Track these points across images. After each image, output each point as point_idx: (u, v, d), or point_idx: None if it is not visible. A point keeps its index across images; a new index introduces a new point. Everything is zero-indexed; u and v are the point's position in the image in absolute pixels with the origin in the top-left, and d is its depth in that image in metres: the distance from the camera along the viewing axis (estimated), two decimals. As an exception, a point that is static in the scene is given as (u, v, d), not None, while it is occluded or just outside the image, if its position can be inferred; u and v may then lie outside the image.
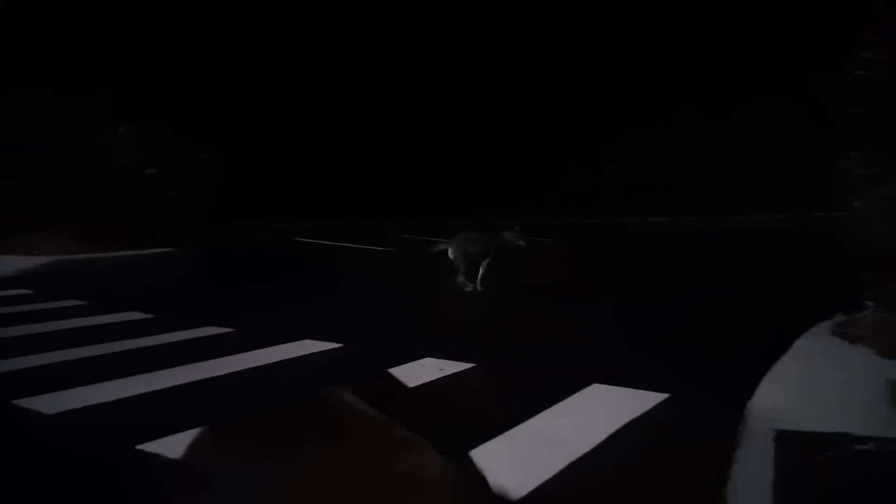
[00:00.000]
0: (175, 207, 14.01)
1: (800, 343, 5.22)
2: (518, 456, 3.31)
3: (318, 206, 19.72)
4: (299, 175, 20.57)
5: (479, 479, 0.50)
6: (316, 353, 5.47)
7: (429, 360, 5.19)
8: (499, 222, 9.52)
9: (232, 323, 6.52)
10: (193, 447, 0.46)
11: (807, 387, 4.25)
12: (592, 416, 3.93)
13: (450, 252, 8.21)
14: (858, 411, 3.72)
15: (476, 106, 21.83)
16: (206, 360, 5.16)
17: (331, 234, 16.33)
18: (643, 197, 20.66)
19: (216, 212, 15.34)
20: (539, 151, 21.73)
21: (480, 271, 8.30)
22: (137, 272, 11.28)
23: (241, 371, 4.93)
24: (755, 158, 20.32)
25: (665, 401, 4.17)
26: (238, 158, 17.67)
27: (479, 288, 8.32)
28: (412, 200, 20.55)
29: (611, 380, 4.59)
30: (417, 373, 4.81)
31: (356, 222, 18.88)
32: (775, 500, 2.79)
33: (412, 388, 0.56)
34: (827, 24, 16.99)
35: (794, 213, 18.49)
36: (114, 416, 4.00)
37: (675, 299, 8.22)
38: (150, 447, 3.39)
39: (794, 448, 3.28)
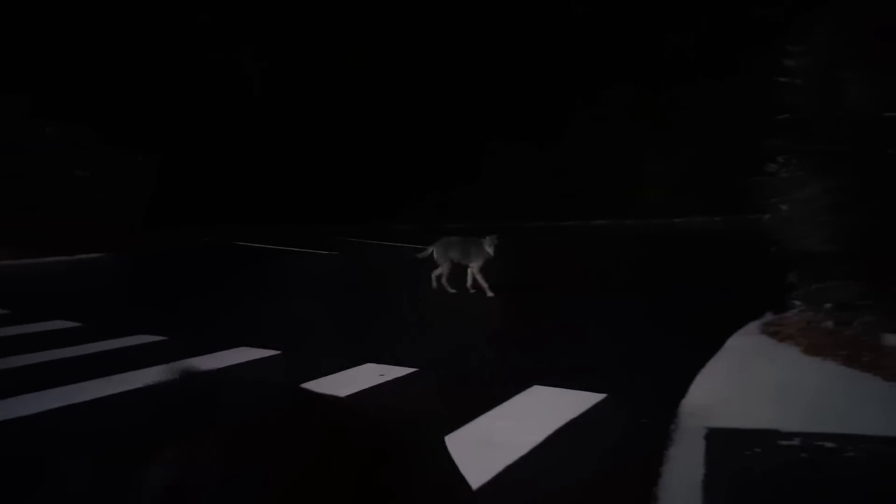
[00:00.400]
0: (107, 211, 13.44)
1: (731, 342, 5.39)
2: (455, 460, 3.26)
3: (262, 210, 19.31)
4: (243, 179, 20.10)
5: (451, 468, 0.48)
6: (252, 360, 5.32)
7: (370, 366, 5.11)
8: (469, 226, 9.82)
9: (164, 331, 6.27)
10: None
11: (737, 385, 4.39)
12: (531, 418, 3.94)
13: (434, 253, 8.99)
14: (785, 407, 3.86)
15: (411, 109, 21.77)
16: (133, 370, 4.93)
17: (274, 238, 16.00)
18: (584, 199, 21.00)
19: (152, 216, 14.81)
20: (474, 153, 21.74)
21: (469, 275, 8.81)
22: (65, 279, 10.75)
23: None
24: (692, 161, 20.89)
25: (602, 401, 4.22)
26: (179, 161, 17.12)
27: (472, 290, 8.75)
28: (356, 204, 20.36)
29: (551, 381, 4.62)
30: (357, 379, 4.73)
31: (301, 226, 18.57)
32: (705, 496, 2.84)
33: (348, 395, 0.52)
34: (758, 26, 17.77)
35: (730, 216, 19.12)
36: (31, 432, 3.77)
37: (618, 300, 8.36)
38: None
39: (723, 445, 3.37)
